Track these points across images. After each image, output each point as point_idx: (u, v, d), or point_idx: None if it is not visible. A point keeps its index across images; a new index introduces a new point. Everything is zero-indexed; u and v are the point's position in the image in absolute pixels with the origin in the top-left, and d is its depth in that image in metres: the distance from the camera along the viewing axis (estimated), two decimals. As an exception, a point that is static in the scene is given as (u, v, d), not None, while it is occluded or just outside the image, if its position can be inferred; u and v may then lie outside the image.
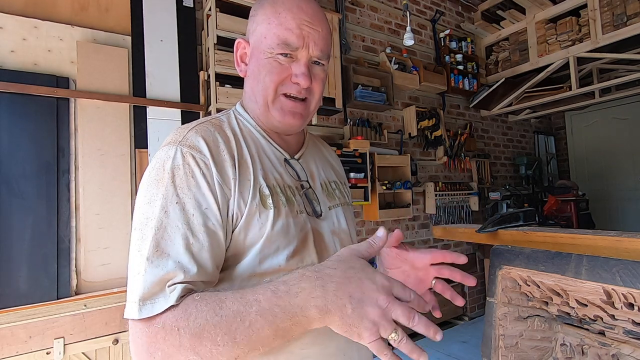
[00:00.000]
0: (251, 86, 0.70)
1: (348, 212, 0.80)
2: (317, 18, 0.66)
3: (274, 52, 0.64)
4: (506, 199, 3.84)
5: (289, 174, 0.70)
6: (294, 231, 0.64)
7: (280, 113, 0.67)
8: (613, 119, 4.86)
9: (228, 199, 0.59)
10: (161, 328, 0.48)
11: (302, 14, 0.64)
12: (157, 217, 0.54)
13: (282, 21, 0.64)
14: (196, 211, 0.56)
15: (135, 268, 0.52)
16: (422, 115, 3.59)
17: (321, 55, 0.67)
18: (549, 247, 1.00)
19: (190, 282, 0.52)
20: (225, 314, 0.47)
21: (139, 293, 0.50)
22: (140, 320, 0.49)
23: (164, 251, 0.52)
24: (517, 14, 3.95)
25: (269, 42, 0.64)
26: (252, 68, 0.68)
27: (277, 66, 0.65)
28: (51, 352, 1.73)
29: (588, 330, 0.91)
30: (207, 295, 0.50)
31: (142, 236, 0.54)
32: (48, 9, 2.01)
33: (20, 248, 1.81)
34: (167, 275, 0.51)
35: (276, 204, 0.63)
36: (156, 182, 0.57)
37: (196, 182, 0.57)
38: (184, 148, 0.59)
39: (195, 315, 0.48)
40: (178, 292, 0.50)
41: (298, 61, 0.65)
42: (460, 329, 3.47)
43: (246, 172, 0.63)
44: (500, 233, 1.31)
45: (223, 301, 0.49)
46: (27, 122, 1.88)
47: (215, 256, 0.56)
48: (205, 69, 2.43)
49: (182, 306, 0.49)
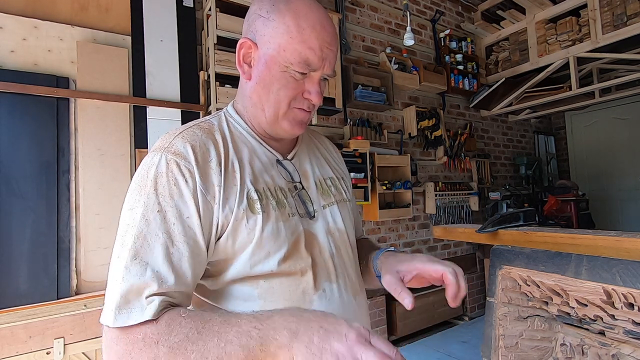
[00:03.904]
0: (259, 94, 0.67)
1: (345, 208, 0.78)
2: (334, 38, 0.66)
3: (291, 67, 0.63)
4: (506, 199, 3.84)
5: (281, 175, 0.70)
6: (285, 235, 0.63)
7: (290, 124, 0.68)
8: (613, 119, 4.86)
9: (212, 207, 0.59)
10: (141, 339, 0.49)
11: (325, 34, 0.63)
12: (138, 225, 0.54)
13: (305, 39, 0.62)
14: (177, 220, 0.56)
15: (113, 275, 0.53)
16: (422, 115, 3.59)
17: (331, 73, 0.67)
18: (549, 247, 1.00)
19: (167, 293, 0.52)
20: (206, 333, 0.48)
21: (115, 300, 0.50)
22: (117, 328, 0.50)
23: (143, 259, 0.52)
24: (517, 14, 3.95)
25: (288, 57, 0.62)
26: (262, 76, 0.65)
27: (293, 82, 0.64)
28: (51, 352, 1.73)
29: (588, 330, 0.91)
30: (194, 314, 0.51)
31: (122, 243, 0.54)
32: (48, 9, 2.01)
33: (20, 248, 1.81)
34: (144, 285, 0.51)
35: (265, 209, 0.63)
36: (139, 188, 0.57)
37: (179, 190, 0.57)
38: (169, 155, 0.59)
39: (177, 331, 0.49)
40: (156, 306, 0.50)
41: (312, 79, 0.65)
42: (460, 329, 3.47)
43: (233, 177, 0.62)
44: (500, 233, 1.31)
45: (207, 321, 0.50)
46: (27, 122, 1.88)
47: (195, 266, 0.56)
48: (205, 69, 2.43)
49: (166, 320, 0.50)
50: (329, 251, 0.70)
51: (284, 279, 0.63)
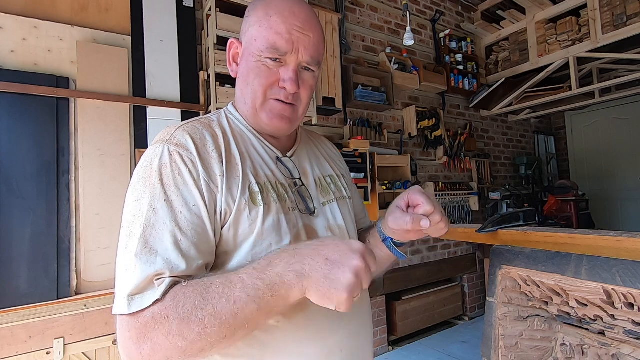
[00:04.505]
0: (241, 88, 0.69)
1: (345, 206, 0.78)
2: (309, 23, 0.65)
3: (263, 55, 0.64)
4: (506, 199, 3.84)
5: (281, 172, 0.70)
6: (286, 228, 0.63)
7: (268, 116, 0.67)
8: (613, 119, 4.86)
9: (215, 195, 0.59)
10: (150, 318, 0.49)
11: (294, 18, 0.64)
12: (145, 215, 0.54)
13: (272, 25, 0.63)
14: (184, 208, 0.56)
15: (123, 265, 0.53)
16: (422, 115, 3.59)
17: (311, 61, 0.66)
18: (549, 247, 1.00)
19: (178, 277, 0.53)
20: (212, 297, 0.49)
21: (128, 289, 0.50)
22: (128, 314, 0.50)
23: (153, 248, 0.52)
24: (517, 14, 3.95)
25: (259, 45, 0.64)
26: (242, 70, 0.68)
27: (266, 70, 0.65)
28: (51, 352, 1.73)
29: (588, 330, 0.91)
30: (194, 282, 0.51)
31: (130, 233, 0.54)
32: (48, 9, 2.01)
33: (20, 248, 1.81)
34: (156, 273, 0.51)
35: (266, 201, 0.63)
36: (144, 180, 0.57)
37: (183, 180, 0.57)
38: (171, 146, 0.59)
39: (184, 301, 0.49)
40: (166, 285, 0.51)
41: (287, 66, 0.65)
42: (460, 329, 3.47)
43: (235, 168, 0.63)
44: (500, 233, 1.31)
45: (209, 285, 0.50)
46: (27, 122, 1.88)
47: (204, 253, 0.57)
48: (205, 69, 2.43)
49: (170, 295, 0.50)
50: None
51: None
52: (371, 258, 0.50)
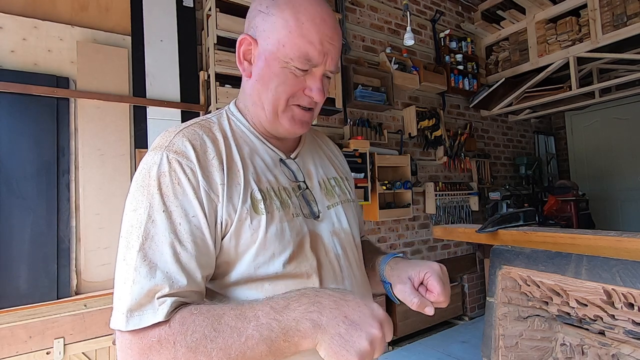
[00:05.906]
0: (258, 91, 0.66)
1: (349, 209, 0.77)
2: (336, 32, 0.63)
3: (291, 63, 0.61)
4: (506, 199, 3.84)
5: (284, 175, 0.68)
6: (290, 236, 0.62)
7: (290, 122, 0.66)
8: (613, 119, 4.86)
9: (216, 205, 0.57)
10: (156, 341, 0.48)
11: (325, 27, 0.61)
12: (143, 226, 0.53)
13: (304, 33, 0.60)
14: (183, 220, 0.54)
15: (122, 277, 0.51)
16: (422, 115, 3.59)
17: (334, 70, 0.65)
18: (549, 247, 1.00)
19: (179, 293, 0.52)
20: (223, 329, 0.48)
21: (126, 304, 0.49)
22: (129, 332, 0.49)
23: (152, 261, 0.51)
24: (517, 14, 3.95)
25: (287, 52, 0.60)
26: (262, 73, 0.64)
27: (292, 78, 0.63)
28: (51, 352, 1.73)
29: (588, 330, 0.91)
30: (205, 309, 0.50)
31: (128, 245, 0.53)
32: (48, 9, 2.01)
33: (20, 248, 1.81)
34: (156, 287, 0.50)
35: (269, 209, 0.61)
36: (142, 189, 0.56)
37: (183, 190, 0.56)
38: (170, 154, 0.57)
39: (193, 329, 0.48)
40: (168, 307, 0.49)
41: (313, 75, 0.63)
42: (460, 329, 3.47)
43: (236, 175, 0.61)
44: (500, 233, 1.31)
45: (221, 316, 0.49)
46: (27, 122, 1.88)
47: (204, 265, 0.55)
48: (205, 69, 2.43)
49: (178, 320, 0.49)
50: (335, 252, 0.69)
51: (290, 282, 0.61)
52: (389, 329, 0.48)
